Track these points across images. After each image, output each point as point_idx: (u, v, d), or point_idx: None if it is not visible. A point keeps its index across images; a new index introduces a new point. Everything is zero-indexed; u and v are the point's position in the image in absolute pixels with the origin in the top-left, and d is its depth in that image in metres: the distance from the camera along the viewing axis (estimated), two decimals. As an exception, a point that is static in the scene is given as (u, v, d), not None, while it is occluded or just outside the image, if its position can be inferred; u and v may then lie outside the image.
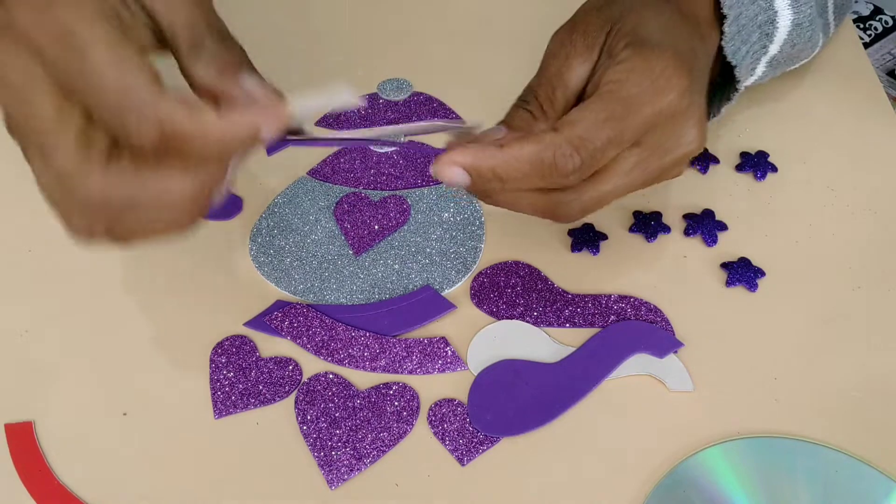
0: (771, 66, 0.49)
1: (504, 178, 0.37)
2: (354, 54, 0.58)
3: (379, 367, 0.43)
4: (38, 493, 0.39)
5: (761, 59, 0.48)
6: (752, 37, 0.46)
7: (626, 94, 0.38)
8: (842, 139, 0.53)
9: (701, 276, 0.47)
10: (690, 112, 0.39)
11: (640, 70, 0.38)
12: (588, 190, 0.39)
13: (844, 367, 0.43)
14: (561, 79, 0.41)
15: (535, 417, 0.41)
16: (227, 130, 0.31)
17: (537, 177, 0.37)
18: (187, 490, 0.39)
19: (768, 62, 0.48)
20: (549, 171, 0.37)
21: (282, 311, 0.44)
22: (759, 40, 0.46)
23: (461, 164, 0.37)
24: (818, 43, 0.51)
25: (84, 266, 0.47)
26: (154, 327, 0.44)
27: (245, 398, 0.42)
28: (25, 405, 0.42)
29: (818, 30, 0.50)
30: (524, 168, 0.37)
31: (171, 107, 0.31)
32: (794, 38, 0.48)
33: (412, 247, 0.48)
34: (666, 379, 0.42)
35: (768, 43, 0.47)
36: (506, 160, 0.36)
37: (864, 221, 0.49)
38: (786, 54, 0.49)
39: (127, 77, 0.30)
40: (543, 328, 0.44)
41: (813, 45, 0.51)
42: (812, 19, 0.48)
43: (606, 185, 0.39)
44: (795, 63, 0.52)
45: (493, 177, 0.37)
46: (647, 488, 0.39)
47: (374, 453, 0.40)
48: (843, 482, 0.39)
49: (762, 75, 0.49)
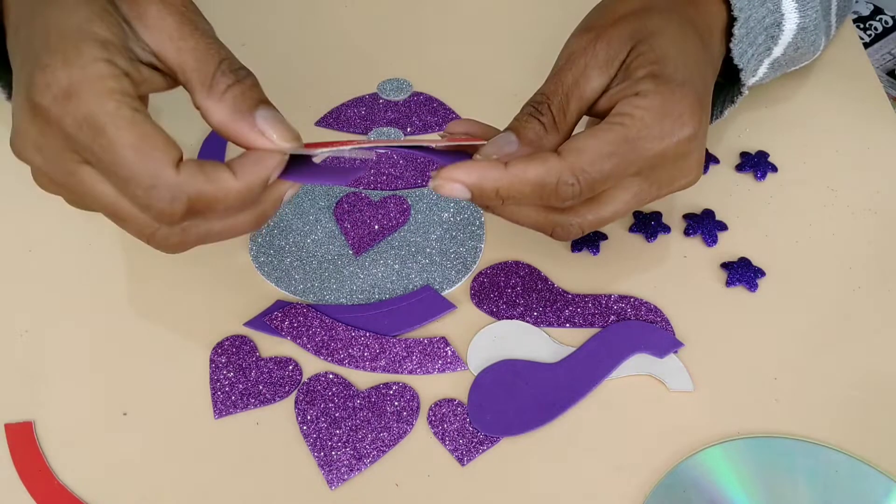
0: (772, 67, 0.49)
1: (505, 197, 0.37)
2: (354, 54, 0.58)
3: (379, 367, 0.43)
4: (38, 493, 0.39)
5: (764, 60, 0.48)
6: (759, 39, 0.46)
7: (637, 134, 0.37)
8: (842, 139, 0.53)
9: (701, 276, 0.47)
10: (695, 152, 0.40)
11: (657, 111, 0.38)
12: (586, 214, 0.40)
13: (844, 367, 0.43)
14: (577, 89, 0.40)
15: (535, 417, 0.41)
16: (243, 188, 0.34)
17: (536, 197, 0.37)
18: (187, 490, 0.39)
19: (770, 64, 0.48)
20: (549, 195, 0.37)
21: (282, 311, 0.44)
22: (763, 42, 0.46)
23: (464, 181, 0.37)
24: (820, 46, 0.51)
25: (84, 266, 0.47)
26: (154, 327, 0.45)
27: (245, 398, 0.42)
28: (25, 405, 0.42)
29: (821, 33, 0.50)
30: (526, 189, 0.37)
31: (191, 182, 0.33)
32: (798, 42, 0.48)
33: (412, 247, 0.48)
34: (666, 379, 0.42)
35: (773, 45, 0.47)
36: (510, 181, 0.37)
37: (864, 221, 0.49)
38: (788, 56, 0.49)
39: (150, 161, 0.33)
40: (543, 328, 0.44)
41: (815, 48, 0.51)
42: (817, 23, 0.48)
43: (604, 210, 0.40)
44: (796, 65, 0.52)
45: (496, 196, 0.37)
46: (647, 488, 0.39)
47: (374, 453, 0.40)
48: (843, 482, 0.39)
49: (763, 76, 0.49)
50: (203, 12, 0.37)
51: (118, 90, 0.33)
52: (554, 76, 0.41)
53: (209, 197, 0.34)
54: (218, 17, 0.39)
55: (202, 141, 0.52)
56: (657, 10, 0.41)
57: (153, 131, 0.33)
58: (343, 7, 0.62)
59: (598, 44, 0.40)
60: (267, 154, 0.35)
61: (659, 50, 0.39)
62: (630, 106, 0.38)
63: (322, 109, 0.55)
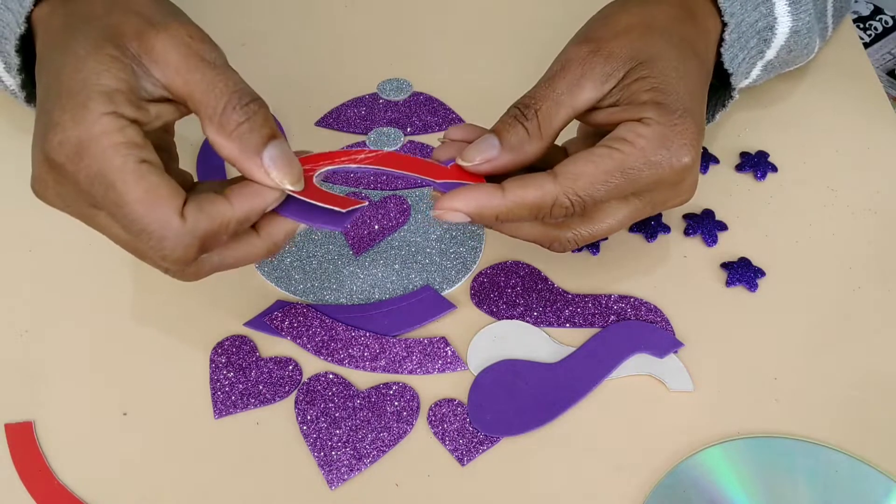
0: (766, 69, 0.49)
1: (504, 220, 0.39)
2: (354, 54, 0.58)
3: (379, 367, 0.43)
4: (38, 493, 0.39)
5: (757, 63, 0.48)
6: (751, 42, 0.46)
7: (635, 163, 0.38)
8: (842, 139, 0.53)
9: (701, 276, 0.47)
10: (690, 176, 0.40)
11: (657, 142, 0.38)
12: (581, 229, 0.41)
13: (844, 367, 0.43)
14: (569, 98, 0.40)
15: (535, 417, 0.41)
16: (242, 217, 0.36)
17: (532, 217, 0.39)
18: (187, 490, 0.39)
19: (763, 66, 0.48)
20: (544, 215, 0.39)
21: (282, 311, 0.44)
22: (756, 45, 0.46)
23: (464, 210, 0.38)
24: (815, 48, 0.51)
25: (84, 266, 0.47)
26: (154, 327, 0.45)
27: (245, 398, 0.42)
28: (25, 405, 0.42)
29: (815, 35, 0.50)
30: (523, 213, 0.38)
31: (197, 226, 0.35)
32: (791, 45, 0.48)
33: (412, 247, 0.48)
34: (666, 379, 0.42)
35: (765, 48, 0.47)
36: (508, 207, 0.38)
37: (864, 221, 0.49)
38: (781, 59, 0.49)
39: (157, 213, 0.35)
40: (543, 328, 0.44)
41: (809, 50, 0.51)
42: (810, 26, 0.48)
43: (600, 225, 0.41)
44: (790, 66, 0.52)
45: (495, 220, 0.38)
46: (647, 488, 0.39)
47: (374, 453, 0.40)
48: (843, 482, 0.39)
49: (756, 78, 0.49)
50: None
51: (123, 143, 0.34)
52: (546, 82, 0.41)
53: (213, 233, 0.36)
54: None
55: (203, 140, 0.52)
56: (658, 30, 0.41)
57: (158, 182, 0.35)
58: (343, 7, 0.62)
59: (596, 57, 0.40)
60: (266, 189, 0.37)
61: (661, 76, 0.39)
62: (632, 133, 0.38)
63: (322, 109, 0.55)
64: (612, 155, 0.38)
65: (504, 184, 0.38)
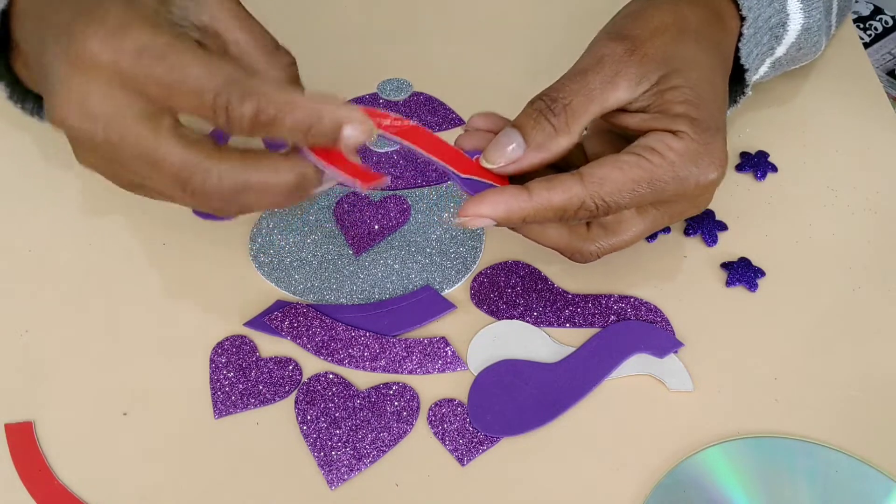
0: (773, 66, 0.49)
1: (530, 222, 0.38)
2: (354, 54, 0.58)
3: (379, 367, 0.43)
4: (38, 493, 0.39)
5: (766, 59, 0.48)
6: (764, 38, 0.46)
7: (663, 176, 0.38)
8: (842, 139, 0.53)
9: (701, 276, 0.47)
10: (711, 191, 0.41)
11: (689, 158, 0.38)
12: (604, 241, 0.41)
13: (844, 367, 0.43)
14: (602, 95, 0.39)
15: (535, 417, 0.41)
16: (314, 110, 0.33)
17: (556, 218, 0.38)
18: (187, 490, 0.39)
19: (771, 63, 0.48)
20: (569, 217, 0.38)
21: (282, 311, 0.44)
22: (768, 42, 0.46)
23: (491, 216, 0.37)
24: (822, 46, 0.52)
25: (84, 266, 0.47)
26: (154, 327, 0.44)
27: (245, 398, 0.42)
28: (25, 405, 0.42)
29: (823, 33, 0.50)
30: (549, 214, 0.38)
31: (263, 83, 0.33)
32: (801, 42, 0.48)
33: (412, 247, 0.48)
34: (666, 379, 0.42)
35: (776, 45, 0.47)
36: (535, 209, 0.38)
37: (864, 221, 0.49)
38: (790, 56, 0.49)
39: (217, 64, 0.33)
40: (543, 328, 0.44)
41: (817, 48, 0.51)
42: (820, 24, 0.48)
43: (622, 237, 0.41)
44: (797, 64, 0.52)
45: (522, 222, 0.38)
46: (647, 488, 0.39)
47: (374, 453, 0.40)
48: (843, 482, 0.39)
49: (763, 75, 0.49)
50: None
51: (167, 22, 0.33)
52: (578, 75, 0.39)
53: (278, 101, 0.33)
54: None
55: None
56: (691, 33, 0.41)
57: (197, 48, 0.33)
58: (343, 7, 0.62)
59: (633, 57, 0.39)
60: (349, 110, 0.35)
61: (696, 89, 0.39)
62: (663, 145, 0.38)
63: (322, 109, 0.55)
64: (641, 164, 0.38)
65: (530, 185, 0.38)
